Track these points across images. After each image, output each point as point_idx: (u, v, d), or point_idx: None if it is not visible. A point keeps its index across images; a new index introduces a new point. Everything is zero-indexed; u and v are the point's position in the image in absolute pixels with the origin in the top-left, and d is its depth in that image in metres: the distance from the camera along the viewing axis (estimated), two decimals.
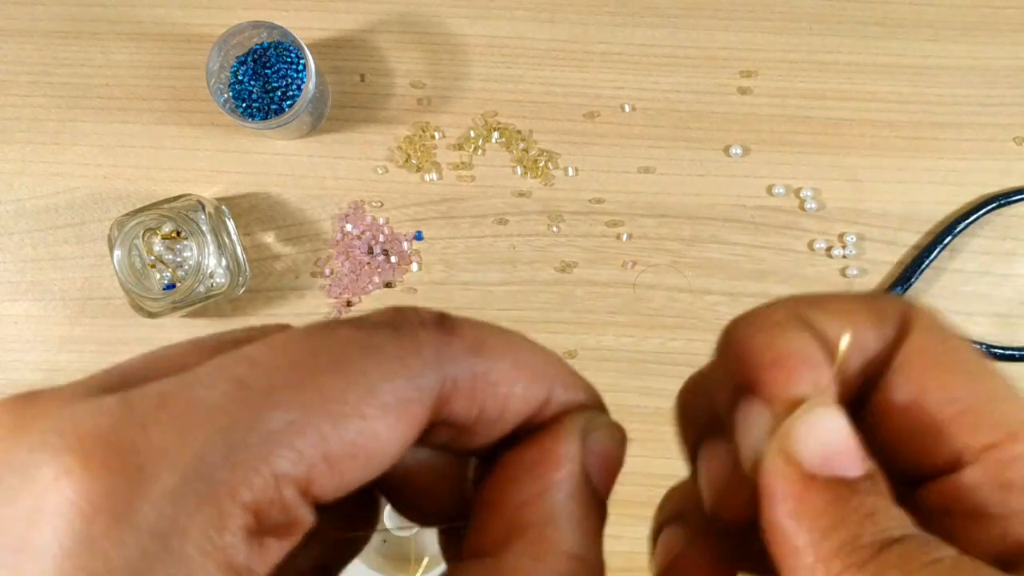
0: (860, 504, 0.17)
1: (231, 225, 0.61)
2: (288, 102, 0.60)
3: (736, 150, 0.63)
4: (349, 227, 0.63)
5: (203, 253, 0.58)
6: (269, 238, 0.64)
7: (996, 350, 0.63)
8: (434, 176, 0.63)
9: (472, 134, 0.63)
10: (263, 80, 0.61)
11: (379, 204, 0.64)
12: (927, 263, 0.63)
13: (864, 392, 0.20)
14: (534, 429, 0.20)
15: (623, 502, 0.25)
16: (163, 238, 0.59)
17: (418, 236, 0.64)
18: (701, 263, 0.64)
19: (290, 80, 0.61)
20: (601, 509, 0.19)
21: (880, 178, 0.64)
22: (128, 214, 0.58)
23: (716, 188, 0.63)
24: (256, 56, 0.61)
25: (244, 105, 0.61)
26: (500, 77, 0.64)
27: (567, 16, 0.64)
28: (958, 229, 0.62)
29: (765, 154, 0.63)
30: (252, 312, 0.64)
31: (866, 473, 0.17)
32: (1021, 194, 0.63)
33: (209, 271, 0.58)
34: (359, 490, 0.18)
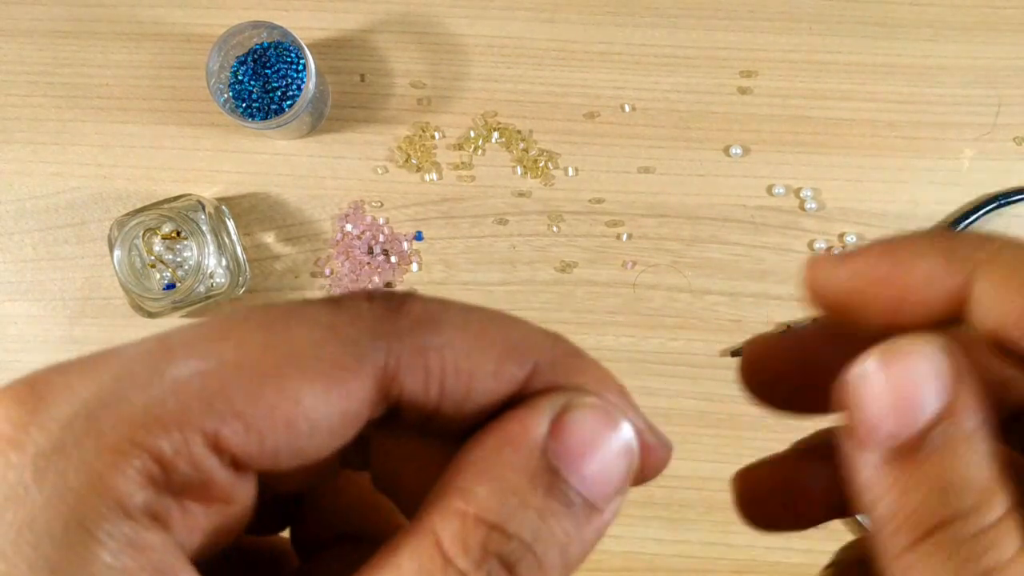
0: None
1: (231, 225, 0.61)
2: (288, 102, 0.60)
3: (736, 150, 0.63)
4: (349, 227, 0.63)
5: (203, 253, 0.58)
6: (269, 238, 0.64)
7: None
8: (434, 176, 0.63)
9: (472, 134, 0.63)
10: (263, 80, 0.61)
11: (379, 204, 0.64)
12: None
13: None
14: None
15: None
16: (163, 238, 0.59)
17: (418, 236, 0.64)
18: (701, 263, 0.64)
19: (290, 80, 0.61)
20: (569, 506, 0.17)
21: (880, 178, 0.63)
22: (128, 214, 0.58)
23: (716, 188, 0.63)
24: (256, 56, 0.61)
25: (244, 105, 0.61)
26: (500, 77, 0.64)
27: (567, 16, 0.64)
28: (958, 229, 0.62)
29: (765, 154, 0.63)
30: None
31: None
32: (1021, 194, 0.63)
33: (209, 271, 0.58)
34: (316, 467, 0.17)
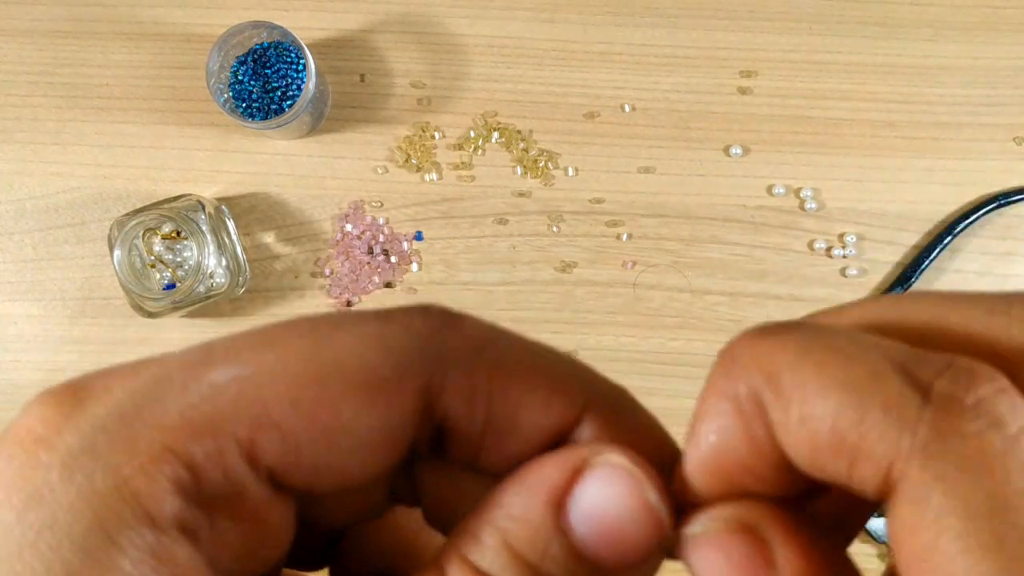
0: None
1: (231, 225, 0.61)
2: (288, 102, 0.60)
3: (736, 150, 0.63)
4: (349, 227, 0.63)
5: (203, 253, 0.58)
6: (269, 238, 0.64)
7: None
8: (434, 176, 0.63)
9: (472, 134, 0.63)
10: (263, 80, 0.61)
11: (379, 204, 0.64)
12: (927, 263, 0.62)
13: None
14: None
15: None
16: (163, 238, 0.59)
17: (418, 236, 0.64)
18: (701, 263, 0.64)
19: (290, 80, 0.61)
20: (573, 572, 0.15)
21: (880, 178, 0.63)
22: (128, 214, 0.58)
23: (716, 188, 0.63)
24: (256, 56, 0.61)
25: (244, 105, 0.61)
26: (500, 77, 0.64)
27: (567, 16, 0.64)
28: (958, 229, 0.62)
29: (765, 154, 0.63)
30: (252, 312, 0.64)
31: None
32: (1021, 194, 0.63)
33: (209, 271, 0.58)
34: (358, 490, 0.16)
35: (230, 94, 0.61)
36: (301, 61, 0.61)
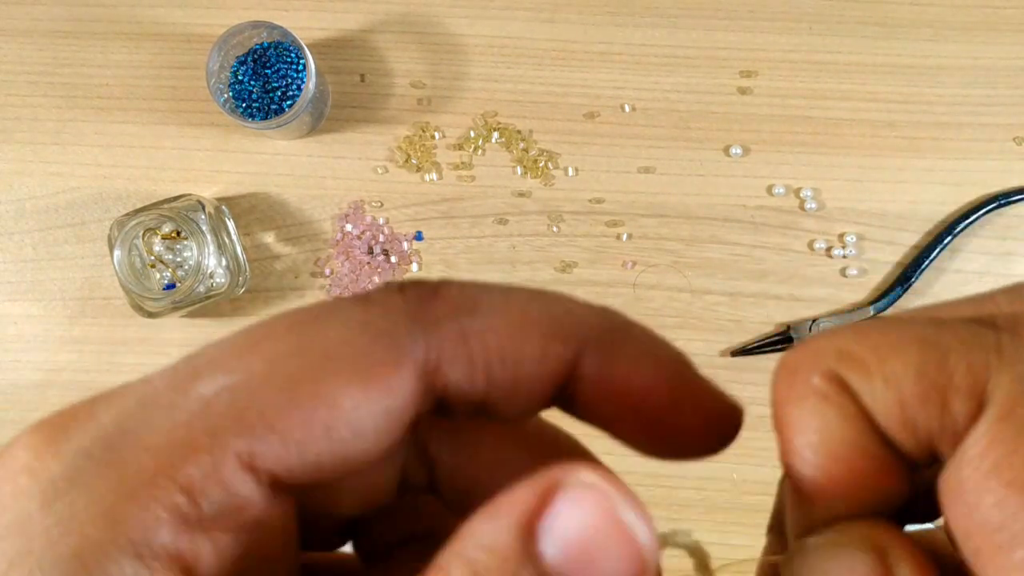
0: None
1: (231, 225, 0.61)
2: (288, 102, 0.60)
3: (736, 150, 0.63)
4: (349, 227, 0.63)
5: (203, 253, 0.58)
6: (269, 238, 0.64)
7: None
8: (434, 176, 0.63)
9: (472, 134, 0.63)
10: (263, 80, 0.61)
11: (379, 204, 0.64)
12: (927, 263, 0.62)
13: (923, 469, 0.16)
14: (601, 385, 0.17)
15: None
16: (163, 238, 0.59)
17: (418, 236, 0.64)
18: (701, 263, 0.64)
19: (290, 80, 0.61)
20: None
21: (880, 178, 0.63)
22: (128, 214, 0.58)
23: (716, 188, 0.63)
24: (256, 56, 0.61)
25: (244, 105, 0.61)
26: (500, 77, 0.64)
27: (567, 16, 0.64)
28: (958, 229, 0.62)
29: (765, 154, 0.63)
30: (252, 312, 0.64)
31: None
32: (1021, 194, 0.63)
33: (209, 271, 0.58)
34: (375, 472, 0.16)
35: (230, 94, 0.61)
36: (301, 61, 0.61)
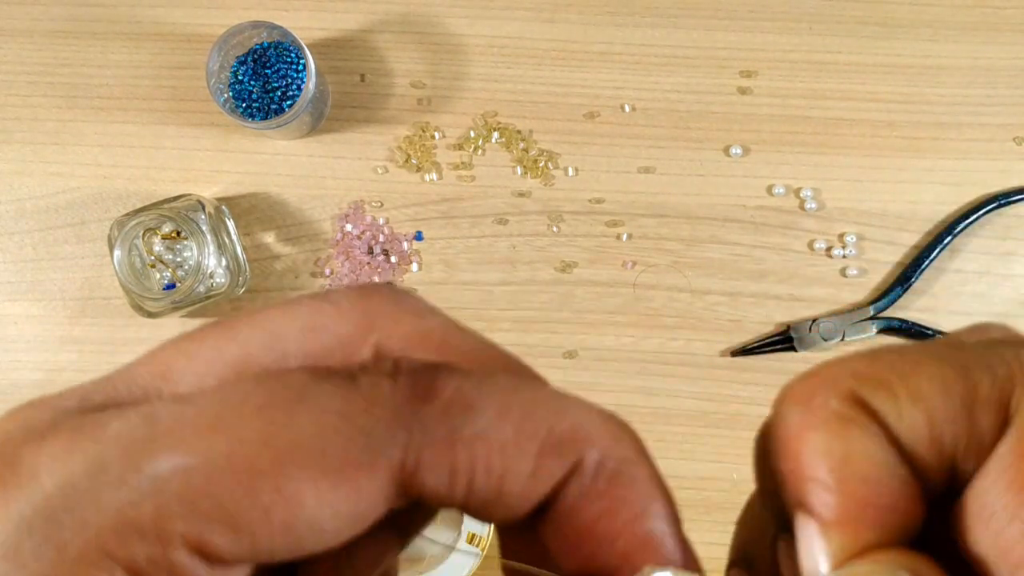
0: None
1: (231, 225, 0.61)
2: (288, 102, 0.60)
3: (736, 150, 0.63)
4: (349, 227, 0.63)
5: (203, 253, 0.58)
6: (269, 238, 0.64)
7: None
8: (434, 176, 0.63)
9: (472, 134, 0.63)
10: (263, 80, 0.61)
11: (379, 204, 0.64)
12: (927, 263, 0.62)
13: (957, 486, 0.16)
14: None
15: None
16: (163, 238, 0.59)
17: (418, 236, 0.64)
18: (701, 263, 0.64)
19: (290, 80, 0.61)
20: None
21: (880, 178, 0.64)
22: (128, 214, 0.58)
23: (716, 188, 0.63)
24: (256, 56, 0.61)
25: (244, 105, 0.61)
26: (500, 77, 0.64)
27: (567, 16, 0.64)
28: (958, 229, 0.62)
29: (765, 154, 0.63)
30: None
31: None
32: (1021, 194, 0.63)
33: (209, 271, 0.58)
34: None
35: (230, 94, 0.61)
36: (301, 61, 0.61)
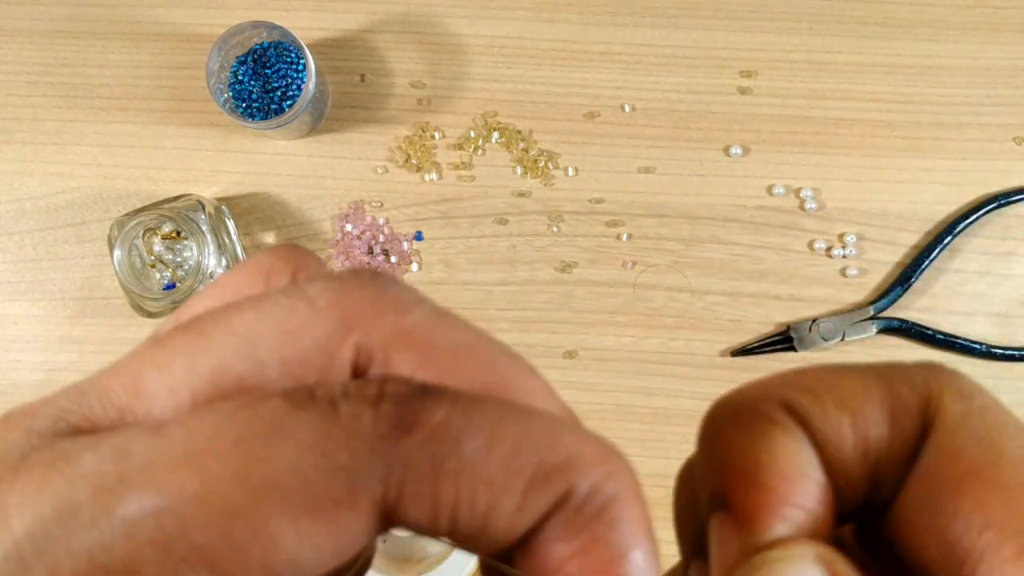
0: None
1: (231, 225, 0.61)
2: (288, 102, 0.60)
3: (736, 150, 0.63)
4: (349, 227, 0.63)
5: (203, 253, 0.58)
6: (269, 238, 0.64)
7: (996, 350, 0.63)
8: (434, 176, 0.63)
9: (472, 134, 0.63)
10: (263, 80, 0.61)
11: (379, 204, 0.64)
12: (927, 263, 0.62)
13: (880, 494, 0.17)
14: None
15: None
16: (163, 238, 0.59)
17: (418, 236, 0.64)
18: (701, 263, 0.64)
19: (290, 80, 0.61)
20: None
21: (880, 178, 0.64)
22: (128, 214, 0.58)
23: (716, 188, 0.63)
24: (256, 56, 0.61)
25: (244, 105, 0.61)
26: (500, 77, 0.64)
27: (567, 16, 0.64)
28: (958, 229, 0.62)
29: (765, 154, 0.63)
30: None
31: None
32: (1021, 194, 0.63)
33: (209, 271, 0.58)
34: None
35: (230, 94, 0.61)
36: (301, 61, 0.61)
